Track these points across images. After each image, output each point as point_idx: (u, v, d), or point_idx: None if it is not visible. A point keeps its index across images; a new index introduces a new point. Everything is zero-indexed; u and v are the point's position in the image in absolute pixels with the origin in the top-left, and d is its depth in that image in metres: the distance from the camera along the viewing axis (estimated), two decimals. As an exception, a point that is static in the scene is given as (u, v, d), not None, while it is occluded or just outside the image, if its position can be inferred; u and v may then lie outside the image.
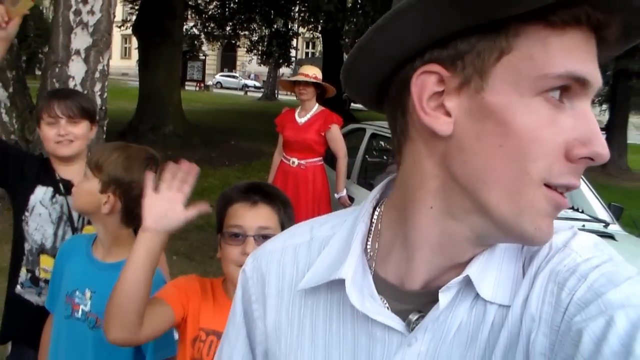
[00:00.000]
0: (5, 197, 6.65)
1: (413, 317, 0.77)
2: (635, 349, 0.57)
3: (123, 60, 51.08)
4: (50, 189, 2.38)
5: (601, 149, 0.66)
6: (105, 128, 6.65)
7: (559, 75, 0.65)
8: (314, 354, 0.84)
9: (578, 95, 0.67)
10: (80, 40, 6.21)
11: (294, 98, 6.26)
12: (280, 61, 23.75)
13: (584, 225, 4.10)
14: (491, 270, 0.74)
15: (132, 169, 1.96)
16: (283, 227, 1.77)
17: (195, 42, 24.59)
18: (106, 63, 6.51)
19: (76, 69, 6.22)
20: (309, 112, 5.28)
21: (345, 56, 0.68)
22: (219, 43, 27.66)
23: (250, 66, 46.84)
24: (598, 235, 0.78)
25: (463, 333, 0.74)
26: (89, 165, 1.96)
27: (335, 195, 5.35)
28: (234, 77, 50.06)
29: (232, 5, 21.31)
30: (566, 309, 0.66)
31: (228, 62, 55.49)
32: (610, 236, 3.98)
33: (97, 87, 6.38)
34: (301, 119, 5.28)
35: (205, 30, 23.33)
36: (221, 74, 50.81)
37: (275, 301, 0.89)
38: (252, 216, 1.73)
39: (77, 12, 6.15)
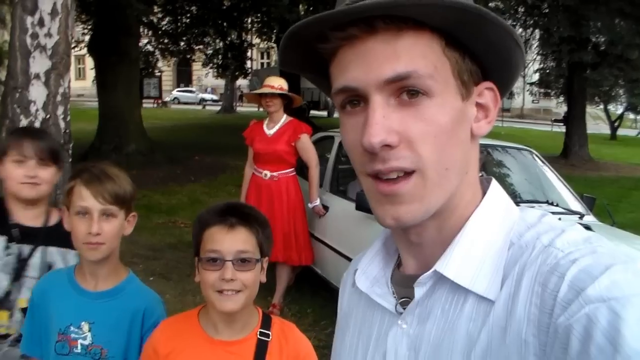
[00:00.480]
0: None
1: (399, 300, 0.89)
2: (620, 342, 0.59)
3: (78, 82, 50.22)
4: (4, 238, 2.22)
5: (364, 140, 0.76)
6: (70, 151, 6.54)
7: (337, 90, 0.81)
8: (351, 331, 1.00)
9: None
10: (39, 63, 6.10)
11: (255, 109, 6.25)
12: (237, 73, 23.62)
13: (559, 219, 4.14)
14: (471, 260, 0.80)
15: (128, 181, 2.00)
16: (262, 249, 1.75)
17: (150, 58, 24.29)
18: (67, 85, 6.40)
19: (37, 93, 6.11)
20: (277, 123, 5.26)
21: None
22: (174, 58, 27.43)
23: (207, 80, 46.69)
24: None
25: (443, 319, 0.81)
26: (110, 203, 1.88)
27: (309, 204, 5.35)
28: (191, 91, 49.71)
29: (184, 20, 21.13)
30: (552, 311, 0.68)
31: (184, 77, 55.08)
32: (586, 227, 4.04)
33: (60, 110, 6.27)
34: (270, 131, 5.26)
35: (160, 46, 23.11)
36: (178, 89, 50.38)
37: (347, 296, 1.07)
38: (229, 240, 1.69)
39: (34, 36, 6.04)
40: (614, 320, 0.61)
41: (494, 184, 0.89)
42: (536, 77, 27.29)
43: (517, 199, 4.77)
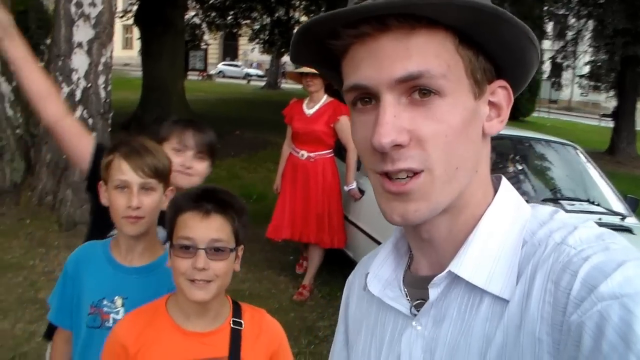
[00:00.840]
0: (12, 192, 6.61)
1: (413, 302, 0.88)
2: (632, 338, 0.59)
3: (125, 51, 50.83)
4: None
5: (374, 140, 0.75)
6: (110, 121, 6.58)
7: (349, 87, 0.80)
8: (363, 336, 0.99)
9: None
10: (83, 32, 6.14)
11: (298, 87, 6.17)
12: (282, 50, 23.58)
13: (600, 219, 3.99)
14: (486, 260, 0.80)
15: (166, 155, 2.00)
16: (237, 237, 1.68)
17: (197, 31, 24.43)
18: (109, 55, 6.44)
19: (79, 62, 6.16)
20: (317, 103, 5.17)
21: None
22: (221, 32, 27.51)
23: (253, 55, 46.74)
24: (615, 229, 0.75)
25: (459, 320, 0.81)
26: (149, 176, 1.87)
27: (345, 187, 5.26)
28: (236, 66, 49.92)
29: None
30: (565, 308, 0.68)
31: (230, 51, 55.27)
32: (627, 230, 3.88)
33: (101, 79, 6.32)
34: (309, 110, 5.17)
35: (207, 19, 23.19)
36: (223, 63, 50.62)
37: (355, 298, 1.06)
38: (203, 228, 1.61)
39: (79, 5, 6.07)
40: (625, 316, 0.60)
41: (505, 182, 0.89)
42: (586, 69, 26.50)
43: (557, 196, 4.63)
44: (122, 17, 19.71)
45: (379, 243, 4.64)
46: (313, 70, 4.99)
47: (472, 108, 0.78)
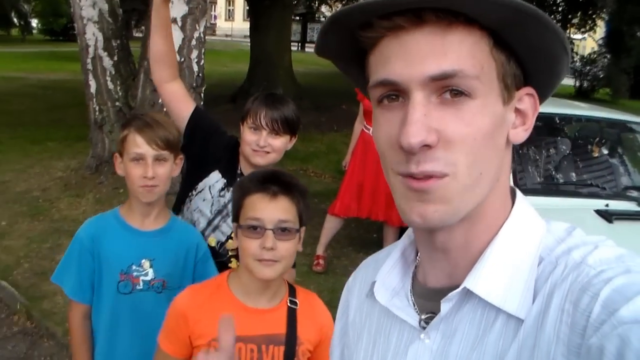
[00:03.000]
0: (110, 162, 6.96)
1: (423, 316, 0.85)
2: None
3: (245, 23, 51.85)
4: (224, 181, 2.37)
5: (402, 139, 0.71)
6: (202, 95, 6.75)
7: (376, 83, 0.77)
8: (365, 343, 0.97)
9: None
10: (177, 8, 6.29)
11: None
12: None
13: None
14: (502, 277, 0.77)
15: (175, 126, 2.17)
16: (301, 218, 1.74)
17: (313, 4, 24.55)
18: (202, 30, 6.56)
19: (173, 37, 6.32)
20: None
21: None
22: (338, 4, 27.48)
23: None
24: None
25: (471, 336, 0.78)
26: (162, 148, 2.02)
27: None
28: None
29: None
30: (584, 331, 0.65)
31: (349, 23, 55.22)
32: None
33: (194, 54, 6.47)
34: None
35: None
36: (342, 34, 50.71)
37: (356, 303, 1.04)
38: (271, 209, 1.68)
39: (173, -19, 6.21)
40: None
41: (520, 195, 0.86)
42: None
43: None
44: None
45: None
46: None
47: (501, 113, 0.76)
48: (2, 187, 7.10)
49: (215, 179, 2.37)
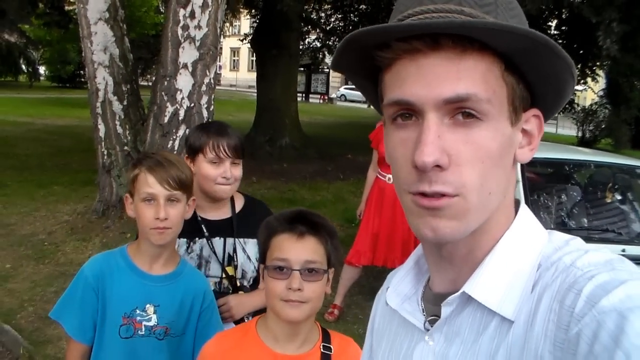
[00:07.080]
0: (117, 206, 6.94)
1: (427, 318, 0.90)
2: (622, 338, 0.60)
3: (250, 73, 52.65)
4: (184, 240, 2.29)
5: (417, 158, 0.74)
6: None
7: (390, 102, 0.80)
8: (384, 347, 1.02)
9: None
10: (188, 54, 6.36)
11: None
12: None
13: None
14: (500, 282, 0.80)
15: (188, 166, 2.09)
16: (329, 260, 1.69)
17: (318, 55, 24.83)
18: (212, 76, 6.62)
19: (184, 82, 6.38)
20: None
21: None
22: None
23: (374, 79, 46.82)
24: None
25: (470, 338, 0.82)
26: (174, 189, 1.94)
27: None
28: (358, 89, 50.22)
29: (353, 18, 21.33)
30: (568, 326, 0.68)
31: (352, 75, 55.77)
32: None
33: (204, 99, 6.51)
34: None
35: (327, 42, 23.54)
36: (345, 86, 51.05)
37: (380, 311, 1.09)
38: (298, 249, 1.62)
39: (185, 27, 6.30)
40: (620, 322, 0.61)
41: (523, 207, 0.89)
42: None
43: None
44: (243, 40, 20.47)
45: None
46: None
47: (509, 135, 0.80)
48: (7, 229, 7.06)
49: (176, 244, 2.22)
